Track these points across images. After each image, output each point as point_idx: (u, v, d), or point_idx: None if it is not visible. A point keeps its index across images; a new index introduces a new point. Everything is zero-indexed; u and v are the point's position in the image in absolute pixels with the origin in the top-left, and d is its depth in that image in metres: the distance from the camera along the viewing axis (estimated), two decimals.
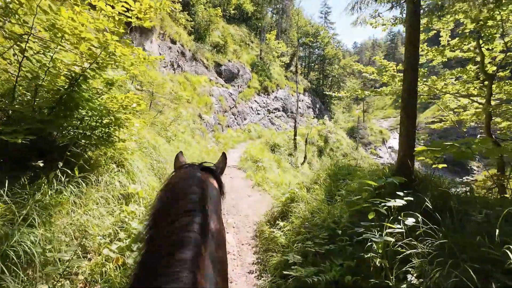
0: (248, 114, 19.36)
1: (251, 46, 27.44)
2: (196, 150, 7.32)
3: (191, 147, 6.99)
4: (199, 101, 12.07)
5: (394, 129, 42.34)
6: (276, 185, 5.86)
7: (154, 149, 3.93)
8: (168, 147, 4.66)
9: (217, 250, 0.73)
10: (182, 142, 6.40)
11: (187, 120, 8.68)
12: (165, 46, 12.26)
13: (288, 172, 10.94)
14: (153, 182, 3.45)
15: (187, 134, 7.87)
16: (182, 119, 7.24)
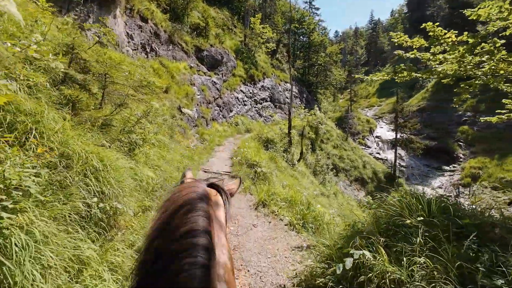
0: (234, 105, 17.59)
1: (234, 31, 25.31)
2: (176, 155, 5.61)
3: (168, 152, 5.27)
4: (178, 92, 10.18)
5: (379, 118, 42.22)
6: (287, 204, 4.36)
7: (94, 174, 2.25)
8: (126, 162, 2.96)
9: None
10: (154, 147, 4.67)
11: (163, 115, 6.86)
12: (134, 24, 10.13)
13: (285, 173, 9.48)
14: None
15: (164, 133, 6.10)
16: (155, 114, 5.45)
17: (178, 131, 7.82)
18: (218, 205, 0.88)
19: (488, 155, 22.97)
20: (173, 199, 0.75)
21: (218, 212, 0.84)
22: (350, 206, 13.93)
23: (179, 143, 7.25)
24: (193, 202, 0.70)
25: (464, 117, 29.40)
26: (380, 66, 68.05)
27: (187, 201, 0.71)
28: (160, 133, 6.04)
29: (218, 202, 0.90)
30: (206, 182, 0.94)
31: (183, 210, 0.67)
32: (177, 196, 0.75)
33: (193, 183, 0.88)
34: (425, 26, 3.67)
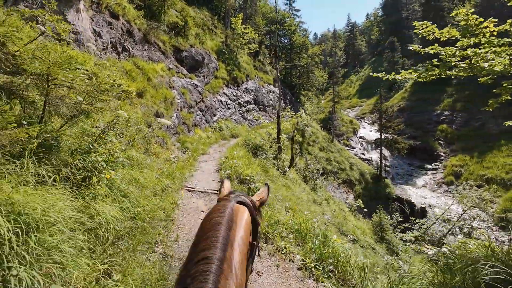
0: (217, 109, 16.61)
1: (214, 31, 24.33)
2: (152, 173, 4.61)
3: (142, 171, 4.26)
4: (155, 96, 9.09)
5: (361, 118, 42.82)
6: (295, 235, 3.52)
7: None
8: (73, 204, 1.99)
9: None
10: (123, 168, 3.66)
11: (137, 125, 5.82)
12: (102, 20, 8.93)
13: (278, 182, 8.68)
14: None
15: (137, 147, 5.08)
16: (122, 126, 4.43)
17: (156, 142, 6.77)
18: (243, 223, 0.90)
19: (468, 153, 23.61)
20: (203, 225, 0.88)
21: (241, 232, 0.86)
22: (343, 212, 13.41)
23: (157, 156, 6.21)
24: (213, 246, 0.75)
25: (442, 116, 30.28)
26: (359, 67, 69.74)
27: (208, 245, 0.76)
28: (132, 148, 5.01)
29: (244, 220, 0.92)
30: (235, 198, 1.00)
31: (202, 256, 0.73)
32: (206, 222, 0.87)
33: (221, 206, 0.93)
34: (456, 13, 3.01)
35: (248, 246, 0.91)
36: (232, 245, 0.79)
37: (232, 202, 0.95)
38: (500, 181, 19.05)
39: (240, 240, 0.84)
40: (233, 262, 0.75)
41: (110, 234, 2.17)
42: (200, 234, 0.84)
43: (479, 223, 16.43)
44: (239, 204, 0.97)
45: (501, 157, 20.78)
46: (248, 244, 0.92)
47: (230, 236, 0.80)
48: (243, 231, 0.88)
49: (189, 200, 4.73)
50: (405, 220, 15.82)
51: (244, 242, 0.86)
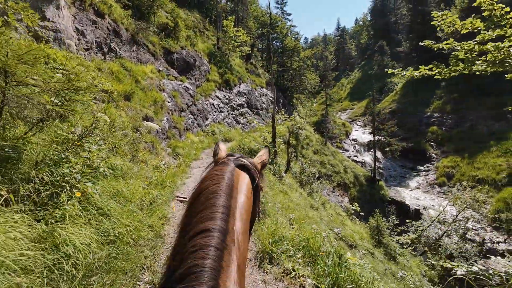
0: (210, 112, 16.14)
1: (206, 34, 23.95)
2: (138, 184, 4.12)
3: (128, 182, 3.78)
4: (144, 99, 8.59)
5: (352, 121, 43.08)
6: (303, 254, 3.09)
7: None
8: (31, 232, 1.54)
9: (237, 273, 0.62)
10: (104, 180, 3.18)
11: (123, 130, 5.32)
12: (85, 18, 8.39)
13: (275, 188, 8.28)
14: None
15: (122, 154, 4.59)
16: (103, 131, 3.94)
17: (144, 148, 6.27)
18: (244, 189, 0.83)
19: (459, 154, 23.85)
20: (198, 192, 0.78)
21: (242, 199, 0.79)
22: (340, 217, 13.11)
23: (146, 163, 5.72)
24: (214, 216, 0.68)
25: (432, 118, 30.66)
26: (349, 71, 70.62)
27: (208, 213, 0.69)
28: (117, 155, 4.53)
29: (245, 185, 0.85)
30: (235, 161, 0.91)
31: (200, 229, 0.65)
32: (202, 190, 0.77)
33: (220, 169, 0.85)
34: (480, 2, 2.72)
35: (250, 214, 0.84)
36: (234, 214, 0.72)
37: (231, 166, 0.87)
38: (491, 182, 19.23)
39: (242, 208, 0.77)
40: (236, 234, 0.68)
41: (79, 269, 1.71)
42: (196, 203, 0.74)
43: (473, 224, 16.46)
44: (239, 168, 0.89)
45: (491, 158, 21.04)
46: (250, 211, 0.84)
47: (231, 204, 0.73)
48: (244, 197, 0.81)
49: (181, 212, 4.27)
50: (401, 223, 15.68)
51: (246, 210, 0.80)
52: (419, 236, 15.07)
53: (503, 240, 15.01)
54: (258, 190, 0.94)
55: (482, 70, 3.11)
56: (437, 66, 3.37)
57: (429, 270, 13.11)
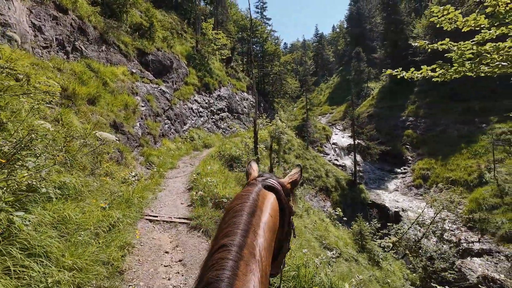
0: (188, 117, 15.40)
1: (184, 36, 23.19)
2: (97, 202, 3.46)
3: (79, 205, 3.12)
4: (113, 103, 7.79)
5: (332, 125, 43.86)
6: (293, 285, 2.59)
7: None
8: None
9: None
10: (48, 203, 2.52)
11: (84, 138, 4.60)
12: (44, 13, 7.49)
13: None
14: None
15: (78, 169, 3.90)
16: (45, 142, 3.25)
17: (110, 158, 5.53)
18: (269, 209, 0.86)
19: (433, 156, 24.80)
20: (226, 213, 0.84)
21: (266, 218, 0.82)
22: (324, 223, 12.87)
23: (111, 176, 5.01)
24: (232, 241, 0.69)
25: (407, 122, 31.84)
26: (328, 76, 72.37)
27: (229, 232, 0.72)
28: (73, 169, 3.83)
29: (270, 205, 0.88)
30: (263, 182, 0.94)
31: (222, 245, 0.69)
32: (228, 210, 0.83)
33: (247, 190, 0.89)
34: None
35: (275, 233, 0.86)
36: (255, 231, 0.74)
37: (257, 187, 0.91)
38: (464, 183, 20.07)
39: (265, 226, 0.79)
40: (257, 248, 0.70)
41: None
42: (222, 223, 0.80)
43: (449, 225, 16.98)
44: (266, 189, 0.92)
45: (463, 159, 22.04)
46: (275, 230, 0.86)
47: (252, 222, 0.76)
48: (268, 216, 0.83)
49: (149, 235, 3.64)
50: (382, 226, 15.79)
51: (270, 228, 0.81)
52: (400, 239, 15.24)
53: (477, 240, 15.55)
54: (286, 211, 0.95)
55: (489, 71, 2.88)
56: (441, 67, 3.10)
57: (411, 273, 13.21)
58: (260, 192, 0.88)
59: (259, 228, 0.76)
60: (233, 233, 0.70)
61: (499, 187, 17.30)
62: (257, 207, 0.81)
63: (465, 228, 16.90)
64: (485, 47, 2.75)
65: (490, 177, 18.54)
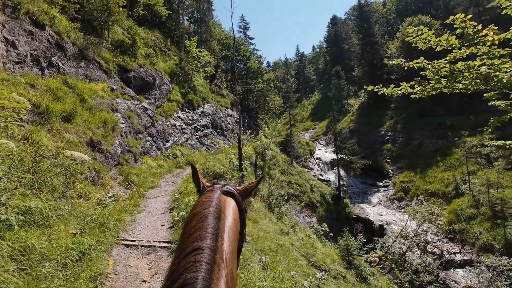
0: (171, 134, 15.08)
1: (168, 54, 23.25)
2: (63, 233, 3.15)
3: (46, 232, 2.82)
4: (90, 120, 7.47)
5: (316, 140, 44.69)
6: None
7: None
8: None
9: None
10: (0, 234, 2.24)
11: (54, 158, 4.30)
12: (18, 28, 7.21)
13: None
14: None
15: (47, 192, 3.59)
16: (9, 163, 2.99)
17: (85, 179, 5.19)
18: (231, 213, 0.91)
19: (411, 169, 25.69)
20: (190, 218, 0.85)
21: (230, 222, 0.87)
22: (311, 240, 12.68)
23: (85, 198, 4.66)
24: (203, 242, 0.73)
25: (386, 136, 33.07)
26: (309, 93, 74.69)
27: (199, 237, 0.74)
28: (42, 192, 3.52)
29: (232, 209, 0.92)
30: (221, 188, 0.99)
31: (191, 250, 0.70)
32: (193, 215, 0.85)
33: (208, 196, 0.93)
34: (453, 19, 2.61)
35: (237, 236, 0.90)
36: (222, 235, 0.78)
37: (217, 193, 0.95)
38: (442, 194, 20.79)
39: (230, 230, 0.83)
40: (224, 253, 0.73)
41: None
42: (188, 227, 0.81)
43: (431, 236, 17.31)
44: (224, 195, 0.96)
45: (439, 172, 22.97)
46: (237, 234, 0.90)
47: (219, 226, 0.80)
48: (232, 220, 0.88)
49: (126, 263, 3.34)
50: (368, 240, 15.82)
51: (233, 232, 0.86)
52: (385, 253, 15.29)
53: (458, 251, 15.90)
54: (243, 214, 1.01)
55: (464, 88, 3.03)
56: (419, 84, 3.23)
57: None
58: (221, 197, 0.92)
59: (225, 232, 0.79)
60: (204, 237, 0.73)
61: (474, 198, 18.05)
62: (221, 212, 0.85)
63: (446, 239, 17.29)
64: (457, 66, 2.90)
65: (466, 188, 19.36)
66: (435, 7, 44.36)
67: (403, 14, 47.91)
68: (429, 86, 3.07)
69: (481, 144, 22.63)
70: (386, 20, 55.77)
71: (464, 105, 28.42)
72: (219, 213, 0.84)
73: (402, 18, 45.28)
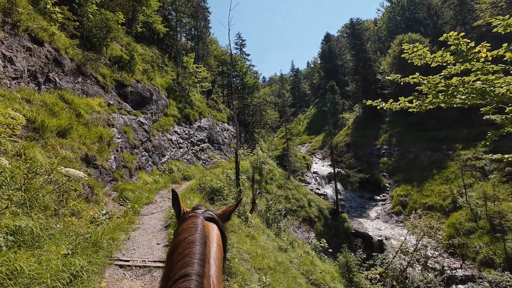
0: (167, 148, 14.97)
1: (165, 69, 23.58)
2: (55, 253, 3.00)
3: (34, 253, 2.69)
4: (86, 135, 7.39)
5: (312, 154, 44.76)
6: None
7: None
8: None
9: None
10: None
11: (47, 175, 4.20)
12: (17, 44, 7.26)
13: (241, 233, 7.38)
14: None
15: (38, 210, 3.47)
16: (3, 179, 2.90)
17: (78, 195, 5.05)
18: (215, 239, 0.92)
19: (408, 183, 25.70)
20: (176, 245, 0.86)
21: (215, 247, 0.88)
22: (310, 257, 12.38)
23: (78, 216, 4.51)
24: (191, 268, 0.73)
25: (382, 150, 33.30)
26: (305, 107, 75.68)
27: (186, 264, 0.75)
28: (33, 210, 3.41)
29: (216, 235, 0.94)
30: (203, 214, 1.01)
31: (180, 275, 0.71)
32: (179, 242, 0.85)
33: (192, 222, 0.93)
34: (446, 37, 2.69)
35: (222, 260, 0.91)
36: (209, 261, 0.79)
37: (200, 219, 0.96)
38: (440, 208, 20.71)
39: (215, 255, 0.85)
40: (212, 278, 0.74)
41: None
42: (175, 254, 0.81)
43: (431, 251, 17.05)
44: (207, 220, 0.98)
45: (436, 185, 23.00)
46: (222, 258, 0.91)
47: (206, 252, 0.81)
48: (216, 245, 0.89)
49: (119, 285, 3.18)
50: (367, 256, 15.50)
51: (218, 257, 0.87)
52: (386, 269, 14.94)
53: (459, 266, 15.63)
54: (225, 238, 1.03)
55: (461, 103, 3.07)
56: (418, 98, 3.28)
57: None
58: (205, 224, 0.94)
59: (211, 258, 0.81)
60: (192, 263, 0.73)
61: (472, 211, 18.00)
62: (206, 238, 0.87)
63: (446, 254, 17.04)
64: (452, 81, 2.96)
65: (463, 202, 19.34)
66: (424, 25, 46.22)
67: (393, 32, 49.75)
68: (427, 100, 3.13)
69: (476, 157, 22.90)
70: (378, 38, 57.80)
71: (457, 119, 28.99)
72: (205, 239, 0.85)
73: (393, 36, 46.97)
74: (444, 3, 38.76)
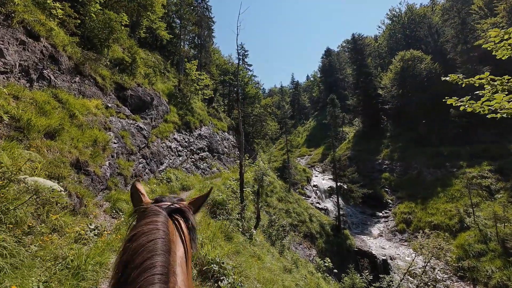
0: (166, 156, 14.22)
1: (167, 75, 23.15)
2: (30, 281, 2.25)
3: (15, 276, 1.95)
4: (79, 138, 6.67)
5: (312, 167, 44.07)
6: None
7: None
8: None
9: None
10: None
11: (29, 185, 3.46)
12: (10, 36, 6.64)
13: (245, 253, 6.56)
14: None
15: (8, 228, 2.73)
16: None
17: (63, 207, 4.28)
18: (182, 237, 0.80)
19: (412, 199, 24.97)
20: (132, 253, 0.69)
21: (181, 249, 0.76)
22: (315, 278, 11.47)
23: (61, 232, 3.74)
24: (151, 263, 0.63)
25: (384, 165, 32.72)
26: (304, 120, 75.63)
27: (145, 262, 0.64)
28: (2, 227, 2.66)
29: (182, 232, 0.82)
30: (167, 209, 0.84)
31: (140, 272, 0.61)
32: (136, 249, 0.69)
33: (153, 221, 0.76)
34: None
35: (190, 260, 0.81)
36: (175, 271, 0.67)
37: (163, 216, 0.80)
38: (446, 227, 19.93)
39: (182, 260, 0.74)
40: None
41: None
42: (131, 266, 0.64)
43: (441, 274, 16.16)
44: (172, 214, 0.84)
45: (441, 203, 22.30)
46: (190, 258, 0.81)
47: (170, 261, 0.67)
48: (183, 249, 0.77)
49: None
50: (375, 278, 14.58)
51: (186, 259, 0.76)
52: None
53: None
54: (193, 229, 0.88)
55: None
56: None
57: None
58: (169, 223, 0.79)
59: (177, 266, 0.69)
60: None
61: (481, 232, 17.26)
62: (171, 242, 0.72)
63: (456, 277, 16.16)
64: None
65: (471, 222, 18.61)
66: (425, 43, 46.84)
67: (394, 49, 50.33)
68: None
69: (482, 175, 22.36)
70: (378, 54, 58.47)
71: (459, 135, 28.67)
72: (169, 244, 0.70)
73: (393, 53, 47.46)
74: (444, 22, 39.36)
